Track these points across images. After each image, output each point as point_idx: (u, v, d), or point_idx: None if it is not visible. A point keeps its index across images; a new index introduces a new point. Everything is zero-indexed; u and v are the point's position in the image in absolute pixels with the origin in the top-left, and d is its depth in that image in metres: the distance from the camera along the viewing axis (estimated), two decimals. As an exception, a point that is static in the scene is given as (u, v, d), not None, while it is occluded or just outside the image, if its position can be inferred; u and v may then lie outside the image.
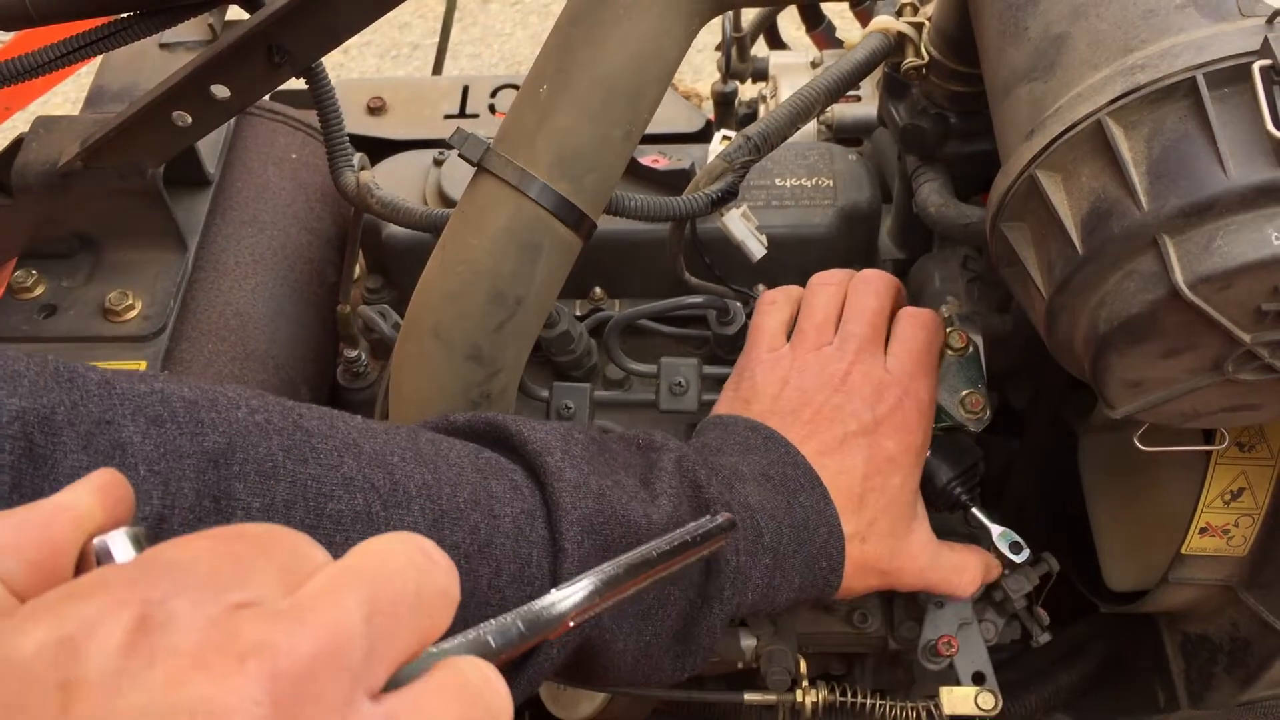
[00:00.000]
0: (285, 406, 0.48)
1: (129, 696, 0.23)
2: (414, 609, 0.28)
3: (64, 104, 2.32)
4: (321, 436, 0.48)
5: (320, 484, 0.46)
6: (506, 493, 0.52)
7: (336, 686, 0.26)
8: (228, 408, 0.46)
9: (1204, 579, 0.71)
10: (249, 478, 0.44)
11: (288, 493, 0.45)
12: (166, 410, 0.44)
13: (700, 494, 0.56)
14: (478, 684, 0.29)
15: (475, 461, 0.53)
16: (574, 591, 0.33)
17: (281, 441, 0.46)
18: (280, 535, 0.29)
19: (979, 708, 0.69)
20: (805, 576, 0.60)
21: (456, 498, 0.50)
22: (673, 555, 0.37)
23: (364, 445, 0.49)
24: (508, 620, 0.31)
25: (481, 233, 0.62)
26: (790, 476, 0.61)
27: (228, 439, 0.45)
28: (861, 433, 0.63)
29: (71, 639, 0.24)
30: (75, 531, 0.28)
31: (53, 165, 0.76)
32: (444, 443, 0.53)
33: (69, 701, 0.23)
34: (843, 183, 0.83)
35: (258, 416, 0.46)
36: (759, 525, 0.58)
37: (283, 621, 0.25)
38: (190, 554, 0.27)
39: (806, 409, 0.64)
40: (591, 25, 0.61)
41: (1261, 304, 0.47)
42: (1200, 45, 0.47)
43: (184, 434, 0.44)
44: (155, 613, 0.25)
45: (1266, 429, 0.65)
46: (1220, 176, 0.45)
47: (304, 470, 0.46)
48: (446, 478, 0.50)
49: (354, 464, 0.48)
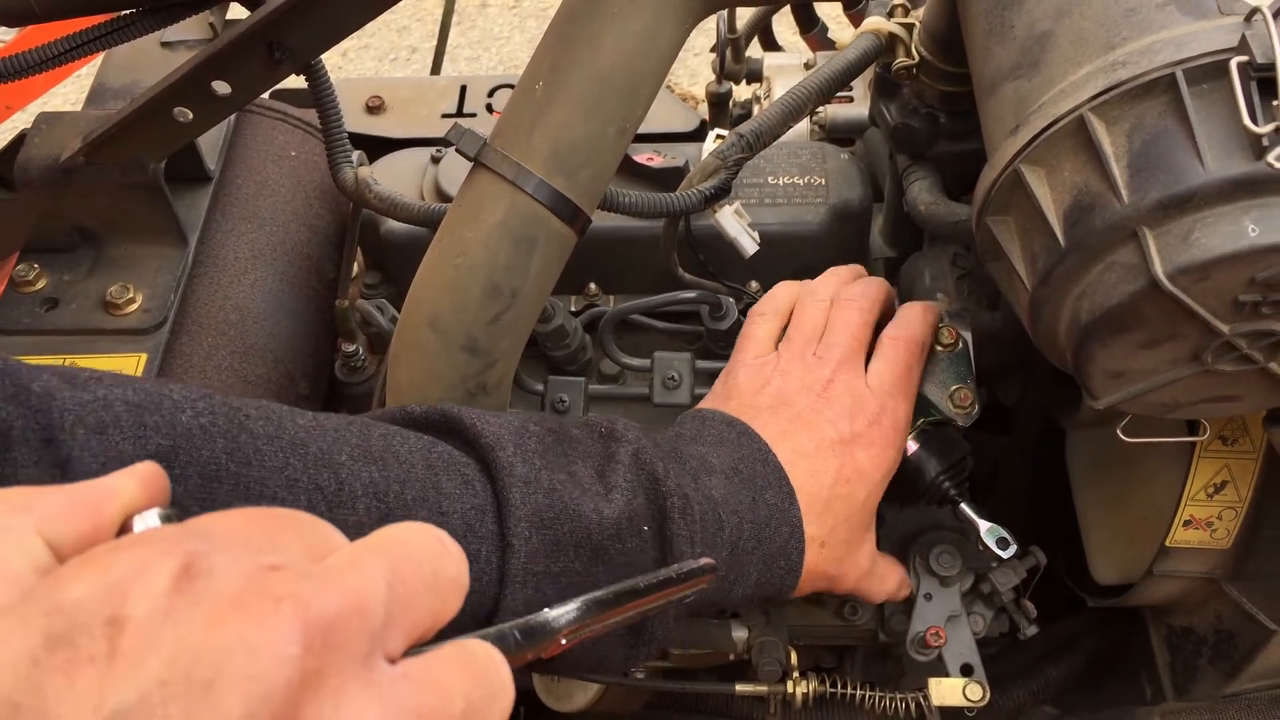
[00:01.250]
0: (232, 408, 0.49)
1: (173, 631, 0.25)
2: (430, 588, 0.30)
3: (64, 104, 2.33)
4: (266, 438, 0.48)
5: (264, 486, 0.47)
6: (457, 489, 0.52)
7: (359, 642, 0.27)
8: (172, 411, 0.46)
9: (1188, 571, 0.72)
10: (190, 480, 0.45)
11: (229, 495, 0.46)
12: (109, 416, 0.45)
13: (658, 486, 0.56)
14: (484, 662, 0.30)
15: (427, 457, 0.53)
16: (568, 610, 0.34)
17: (225, 444, 0.47)
18: (306, 517, 0.31)
19: (967, 698, 0.70)
20: (762, 574, 0.61)
21: (404, 495, 0.50)
22: (658, 589, 0.39)
23: (310, 445, 0.49)
24: (506, 628, 0.33)
25: (478, 226, 0.63)
26: (759, 473, 0.61)
27: (171, 441, 0.45)
28: (839, 442, 0.64)
29: (120, 582, 0.26)
30: (120, 509, 0.30)
31: (55, 160, 0.77)
32: (396, 438, 0.53)
33: (116, 636, 0.25)
34: (835, 181, 0.84)
35: (202, 419, 0.47)
36: (720, 519, 0.58)
37: (312, 579, 0.27)
38: (224, 524, 0.29)
39: (786, 409, 0.65)
40: (587, 23, 0.62)
41: (1239, 295, 0.48)
42: (1180, 42, 0.48)
43: (126, 439, 0.44)
44: (198, 562, 0.26)
45: (1249, 422, 0.66)
46: (1198, 170, 0.46)
47: (247, 472, 0.47)
48: (395, 475, 0.51)
49: (299, 465, 0.48)
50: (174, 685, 0.24)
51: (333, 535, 0.31)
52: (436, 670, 0.29)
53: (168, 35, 0.89)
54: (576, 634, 0.34)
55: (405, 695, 0.28)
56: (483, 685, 0.30)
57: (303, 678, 0.26)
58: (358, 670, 0.27)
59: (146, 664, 0.25)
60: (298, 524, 0.30)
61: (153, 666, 0.25)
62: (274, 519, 0.30)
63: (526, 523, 0.52)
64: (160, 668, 0.25)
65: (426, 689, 0.28)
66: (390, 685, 0.28)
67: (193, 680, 0.24)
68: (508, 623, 0.33)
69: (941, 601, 0.72)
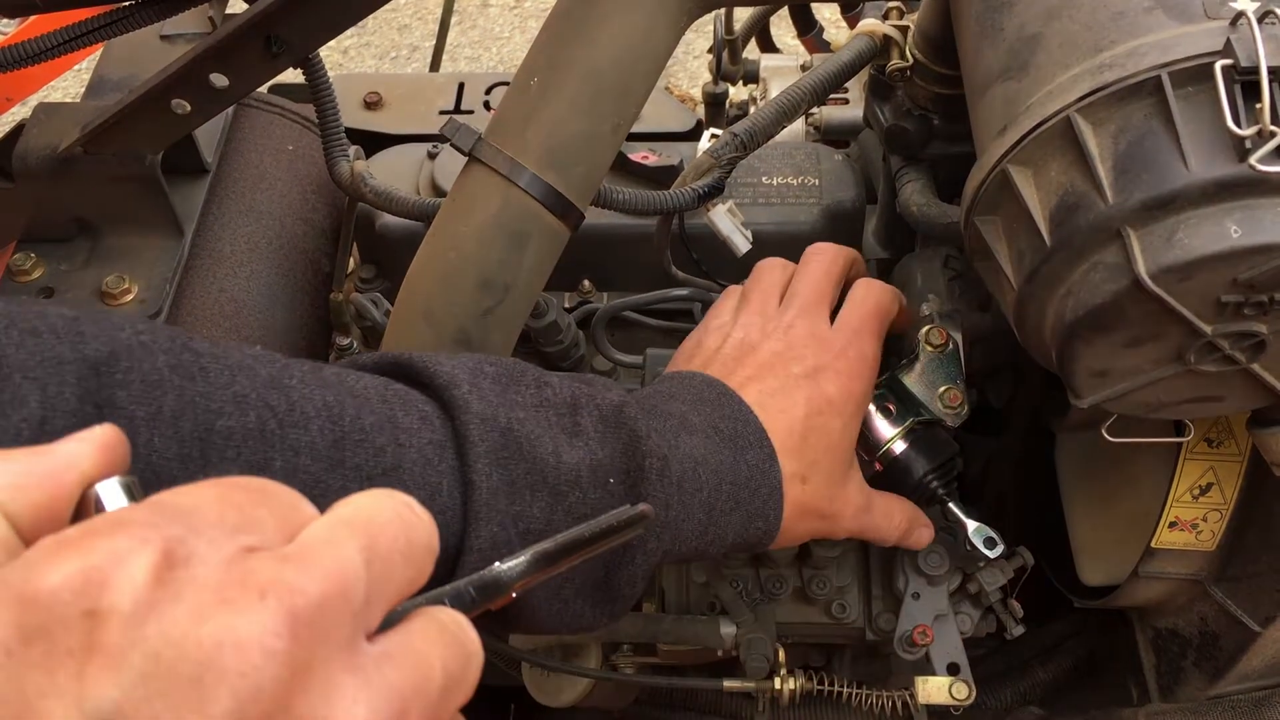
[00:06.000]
0: (173, 331, 0.47)
1: (158, 626, 0.25)
2: (405, 558, 0.30)
3: (64, 97, 2.34)
4: (211, 358, 0.47)
5: (209, 400, 0.45)
6: (415, 424, 0.51)
7: (342, 625, 0.27)
8: (110, 327, 0.44)
9: (1173, 573, 0.73)
10: (133, 386, 0.43)
11: (175, 404, 0.44)
12: (44, 324, 0.43)
13: (638, 444, 0.55)
14: (454, 630, 0.31)
15: (383, 393, 0.51)
16: (518, 564, 0.35)
17: (168, 360, 0.45)
18: (275, 487, 0.30)
19: (953, 697, 0.70)
20: (739, 534, 0.60)
21: (361, 420, 0.49)
22: (603, 537, 0.39)
23: (259, 370, 0.48)
24: (461, 586, 0.33)
25: (471, 220, 0.64)
26: (740, 433, 0.60)
27: (110, 348, 0.43)
28: (803, 375, 0.63)
29: (99, 570, 0.25)
30: (78, 480, 0.29)
31: (53, 151, 0.77)
32: (349, 374, 0.52)
33: (95, 629, 0.24)
34: (828, 182, 0.84)
35: (142, 337, 0.45)
36: (700, 479, 0.57)
37: (292, 563, 0.27)
38: (195, 500, 0.28)
39: (750, 357, 0.64)
40: (582, 20, 0.63)
41: (1221, 295, 0.48)
42: (1166, 45, 0.48)
43: (62, 343, 0.42)
44: (177, 549, 0.26)
45: (1234, 425, 0.67)
46: (1182, 171, 0.47)
47: (191, 386, 0.45)
48: (350, 403, 0.49)
49: (247, 383, 0.47)
50: (159, 681, 0.24)
51: (303, 505, 0.30)
52: (415, 645, 0.29)
53: (167, 28, 0.90)
54: (527, 585, 0.35)
55: (391, 676, 0.28)
56: (457, 652, 0.30)
57: (291, 671, 0.25)
58: (344, 656, 0.27)
59: (129, 659, 0.24)
60: (268, 496, 0.29)
61: (136, 662, 0.24)
62: (245, 491, 0.29)
63: (486, 459, 0.50)
64: (144, 663, 0.24)
65: (409, 666, 0.28)
66: (375, 668, 0.28)
67: (178, 676, 0.24)
68: (461, 580, 0.33)
69: (929, 600, 0.72)
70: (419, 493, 0.49)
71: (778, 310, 0.67)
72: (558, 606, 0.55)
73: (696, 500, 0.57)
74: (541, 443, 0.52)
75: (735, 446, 0.60)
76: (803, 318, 0.66)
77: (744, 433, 0.61)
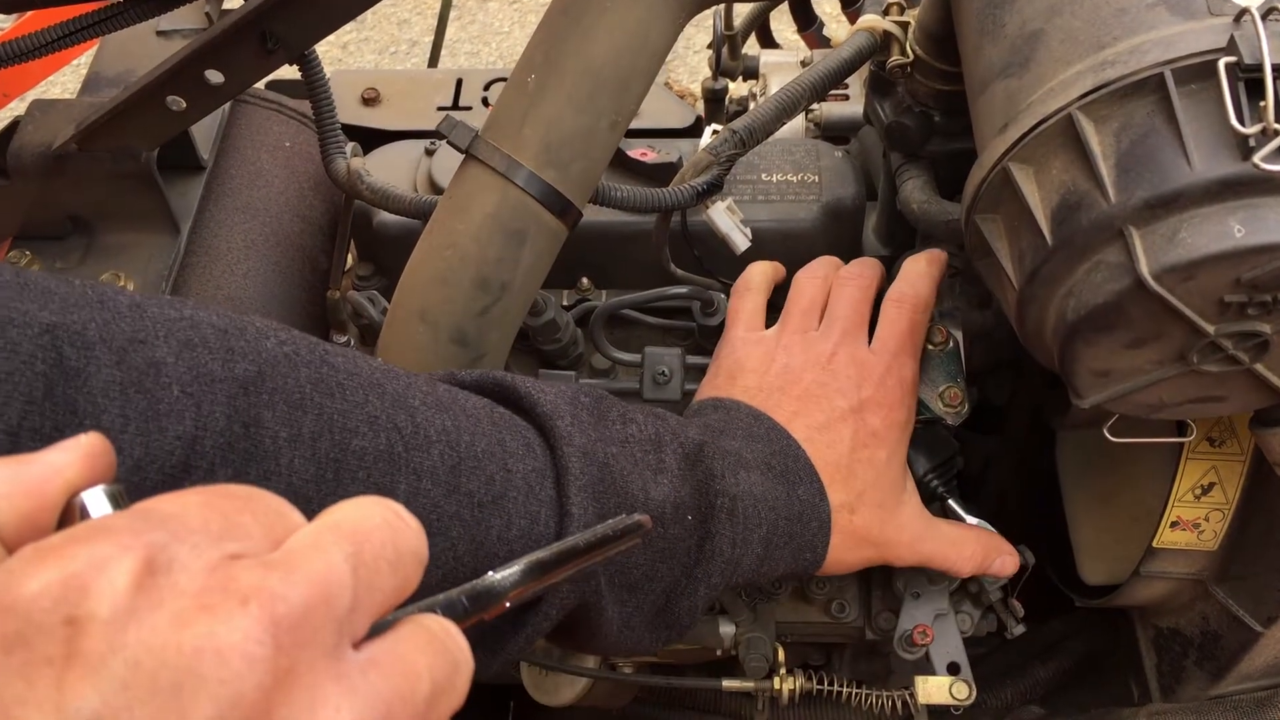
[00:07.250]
0: (311, 341, 0.48)
1: (136, 633, 0.24)
2: (392, 565, 0.30)
3: (61, 93, 2.33)
4: (347, 373, 0.48)
5: (346, 419, 0.46)
6: (520, 449, 0.52)
7: (327, 632, 0.27)
8: (256, 337, 0.45)
9: (1175, 572, 0.72)
10: (278, 407, 0.44)
11: (314, 425, 0.45)
12: (197, 335, 0.43)
13: (711, 484, 0.57)
14: (443, 638, 0.30)
15: (491, 415, 0.53)
16: (512, 574, 0.35)
17: (309, 373, 0.46)
18: (262, 495, 0.30)
19: (953, 697, 0.70)
20: (790, 565, 0.62)
21: (475, 446, 0.50)
22: (596, 547, 0.38)
23: (387, 386, 0.49)
24: (454, 595, 0.33)
25: (468, 218, 0.63)
26: (791, 469, 0.62)
27: (257, 367, 0.44)
28: (849, 411, 0.65)
29: (79, 577, 0.25)
30: (63, 489, 0.29)
31: (48, 147, 0.76)
32: (459, 393, 0.53)
33: (75, 637, 0.24)
34: (828, 179, 0.84)
35: (286, 348, 0.46)
36: (759, 516, 0.59)
37: (277, 569, 0.26)
38: (179, 507, 0.28)
39: (794, 387, 0.65)
40: (580, 15, 0.62)
41: (1224, 295, 0.48)
42: (1169, 42, 0.48)
43: (215, 359, 0.43)
44: (159, 556, 0.26)
45: (1237, 424, 0.66)
46: (1185, 170, 0.46)
47: (330, 404, 0.46)
48: (465, 426, 0.51)
49: (378, 403, 0.48)
50: (139, 689, 0.24)
51: (290, 513, 0.30)
52: (402, 652, 0.29)
53: (163, 24, 0.89)
54: (521, 595, 0.35)
55: (376, 684, 0.28)
56: (445, 661, 0.30)
57: (274, 678, 0.25)
58: (328, 663, 0.27)
59: (109, 667, 0.24)
60: (254, 503, 0.29)
61: (116, 669, 0.24)
62: (230, 499, 0.29)
63: (585, 493, 0.52)
64: (124, 671, 0.24)
65: (395, 674, 0.28)
66: (360, 675, 0.27)
67: (159, 684, 0.24)
68: (455, 589, 0.33)
69: (929, 600, 0.72)
70: (522, 520, 0.51)
71: (819, 334, 0.68)
72: (626, 634, 0.57)
73: (756, 536, 0.59)
74: (632, 479, 0.54)
75: (788, 482, 0.61)
76: (844, 345, 0.67)
77: (795, 469, 0.62)
